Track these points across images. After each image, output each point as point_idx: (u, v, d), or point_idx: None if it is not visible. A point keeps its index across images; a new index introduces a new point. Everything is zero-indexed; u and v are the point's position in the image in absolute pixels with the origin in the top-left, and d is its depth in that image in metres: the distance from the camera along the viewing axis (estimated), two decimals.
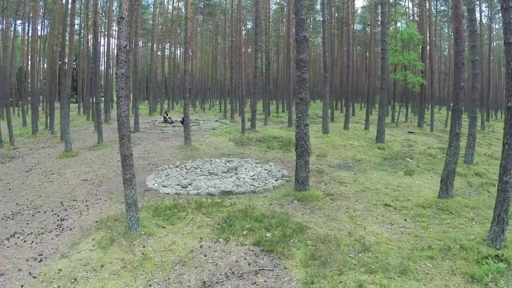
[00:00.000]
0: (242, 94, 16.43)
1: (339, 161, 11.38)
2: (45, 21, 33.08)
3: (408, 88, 31.34)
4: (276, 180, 8.73)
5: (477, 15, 26.98)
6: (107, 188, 8.40)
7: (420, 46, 27.19)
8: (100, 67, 35.88)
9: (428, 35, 27.04)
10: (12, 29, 30.92)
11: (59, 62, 22.15)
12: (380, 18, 36.98)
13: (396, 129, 22.01)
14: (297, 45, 6.84)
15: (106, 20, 27.98)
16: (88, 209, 7.11)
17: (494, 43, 41.76)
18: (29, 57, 28.06)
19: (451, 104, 7.23)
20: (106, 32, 27.34)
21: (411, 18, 35.63)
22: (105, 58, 29.08)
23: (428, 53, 27.66)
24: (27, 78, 28.40)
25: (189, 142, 12.89)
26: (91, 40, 28.57)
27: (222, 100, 38.91)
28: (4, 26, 23.20)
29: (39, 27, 34.59)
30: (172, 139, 15.76)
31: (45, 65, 39.60)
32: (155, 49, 37.40)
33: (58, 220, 6.65)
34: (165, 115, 24.59)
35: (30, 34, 26.33)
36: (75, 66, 51.42)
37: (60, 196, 8.06)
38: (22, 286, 4.28)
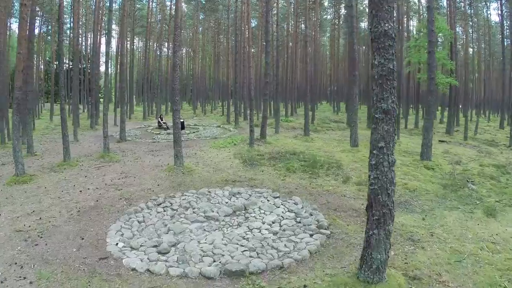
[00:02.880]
0: (251, 98, 13.21)
1: None
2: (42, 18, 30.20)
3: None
4: (311, 236, 5.58)
5: None
6: (44, 249, 5.30)
7: (449, 43, 24.13)
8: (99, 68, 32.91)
9: (461, 31, 23.81)
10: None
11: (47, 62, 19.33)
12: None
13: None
14: (370, 6, 3.58)
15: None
16: None
17: None
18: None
19: None
20: (94, 29, 24.35)
21: (420, 16, 32.63)
22: (92, 57, 26.11)
23: (455, 50, 24.46)
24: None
25: (181, 162, 9.69)
26: (77, 38, 25.63)
27: (225, 102, 35.86)
28: None
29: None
30: (162, 153, 12.66)
31: (41, 65, 37.19)
32: (150, 46, 34.34)
33: None
34: (160, 120, 21.44)
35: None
36: (70, 66, 48.62)
37: None
38: None
